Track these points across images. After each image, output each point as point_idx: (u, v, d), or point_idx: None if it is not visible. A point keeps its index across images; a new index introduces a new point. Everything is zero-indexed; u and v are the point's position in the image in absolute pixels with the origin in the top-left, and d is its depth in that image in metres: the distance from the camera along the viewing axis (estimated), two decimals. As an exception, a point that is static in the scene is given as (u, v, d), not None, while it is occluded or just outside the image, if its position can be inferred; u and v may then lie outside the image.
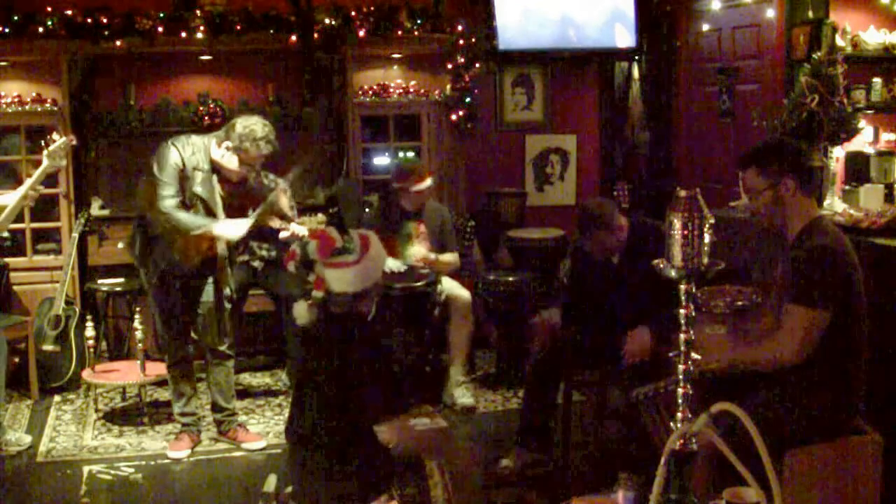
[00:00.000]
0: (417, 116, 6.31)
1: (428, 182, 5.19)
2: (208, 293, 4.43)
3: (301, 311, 2.94)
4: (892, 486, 3.11)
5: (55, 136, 4.43)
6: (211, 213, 4.26)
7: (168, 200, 4.12)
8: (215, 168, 4.27)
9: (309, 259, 2.90)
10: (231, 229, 4.24)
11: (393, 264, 4.79)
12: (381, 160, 6.42)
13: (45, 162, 4.35)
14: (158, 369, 4.96)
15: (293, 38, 5.85)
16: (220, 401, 4.62)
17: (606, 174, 7.23)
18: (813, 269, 2.96)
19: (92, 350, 5.30)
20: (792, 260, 3.06)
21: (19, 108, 5.73)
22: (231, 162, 4.24)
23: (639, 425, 3.38)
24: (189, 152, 4.19)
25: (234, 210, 4.34)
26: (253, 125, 4.20)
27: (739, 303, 3.84)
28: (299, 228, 4.40)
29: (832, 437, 3.02)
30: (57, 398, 5.30)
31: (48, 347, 5.26)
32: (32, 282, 5.64)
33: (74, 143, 4.51)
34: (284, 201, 4.39)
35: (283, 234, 4.38)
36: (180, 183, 4.17)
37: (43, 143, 4.47)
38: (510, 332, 5.55)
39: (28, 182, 4.38)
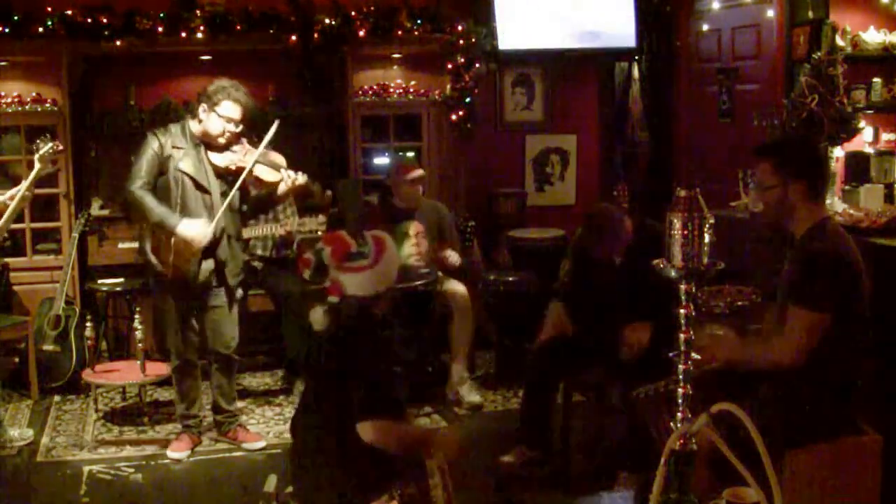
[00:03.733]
0: (417, 116, 6.31)
1: (419, 172, 5.21)
2: (218, 297, 4.43)
3: (317, 317, 2.93)
4: (892, 486, 3.11)
5: (40, 141, 4.47)
6: (201, 188, 4.27)
7: (136, 182, 4.18)
8: (200, 143, 4.30)
9: (323, 265, 2.88)
10: (195, 229, 4.17)
11: None
12: (381, 160, 6.41)
13: (37, 165, 4.41)
14: (158, 369, 4.97)
15: (293, 38, 5.85)
16: (222, 402, 4.62)
17: (606, 174, 7.23)
18: (816, 272, 2.96)
19: (92, 350, 5.30)
20: (796, 261, 3.06)
21: (19, 108, 5.72)
22: (213, 124, 4.26)
23: (639, 425, 3.37)
24: (167, 136, 4.26)
25: (231, 181, 4.34)
26: (218, 81, 4.30)
27: (739, 303, 3.85)
28: (295, 175, 4.38)
29: (832, 437, 3.02)
30: (57, 398, 5.30)
31: (48, 347, 5.26)
32: (32, 282, 5.64)
33: (60, 148, 4.59)
34: (275, 154, 4.42)
35: (281, 189, 4.40)
36: (163, 166, 4.21)
37: (34, 147, 4.48)
38: (510, 332, 5.55)
39: (23, 185, 4.43)
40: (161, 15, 5.68)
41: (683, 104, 6.83)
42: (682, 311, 1.91)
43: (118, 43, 5.65)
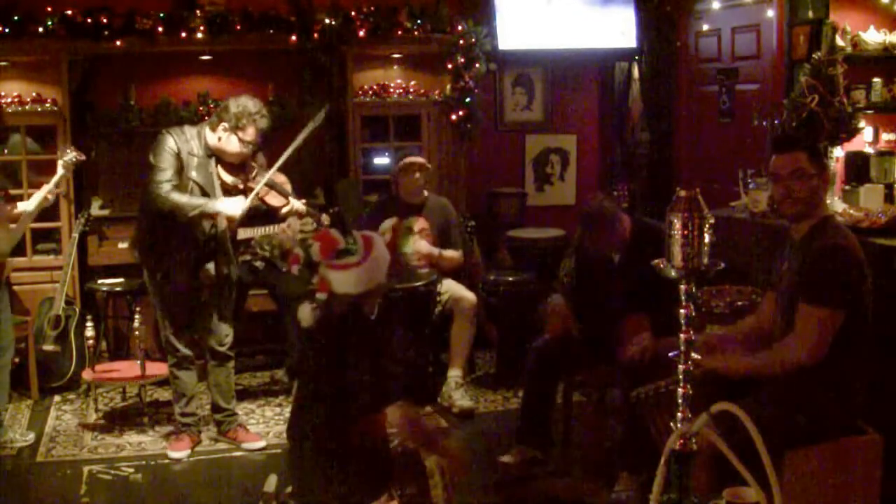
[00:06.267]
0: (417, 116, 6.31)
1: (417, 158, 5.26)
2: (214, 295, 4.45)
3: (304, 313, 2.94)
4: (892, 486, 3.11)
5: (69, 149, 4.82)
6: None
7: (164, 185, 4.18)
8: (212, 154, 4.32)
9: (312, 261, 2.90)
10: (230, 205, 4.27)
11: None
12: (381, 160, 6.41)
13: (60, 171, 4.72)
14: (158, 369, 4.97)
15: (293, 38, 5.85)
16: (221, 401, 4.62)
17: (606, 174, 7.24)
18: (828, 268, 2.96)
19: (92, 350, 5.30)
20: (802, 259, 3.05)
21: (19, 108, 5.72)
22: (230, 143, 4.28)
23: (639, 425, 3.38)
24: (183, 139, 4.26)
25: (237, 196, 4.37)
26: (245, 102, 4.28)
27: (739, 303, 3.85)
28: (297, 204, 4.44)
29: (832, 438, 3.02)
30: (57, 398, 5.30)
31: (48, 347, 5.26)
32: (32, 282, 5.64)
33: (83, 158, 4.86)
34: (282, 178, 4.47)
35: (283, 211, 4.43)
36: (178, 170, 4.22)
37: (59, 153, 4.83)
38: (510, 332, 5.55)
39: (45, 188, 4.70)
40: (161, 15, 5.69)
41: (683, 104, 6.83)
42: (682, 311, 1.91)
43: (118, 43, 5.65)
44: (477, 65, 6.18)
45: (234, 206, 4.27)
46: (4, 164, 5.85)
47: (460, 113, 6.19)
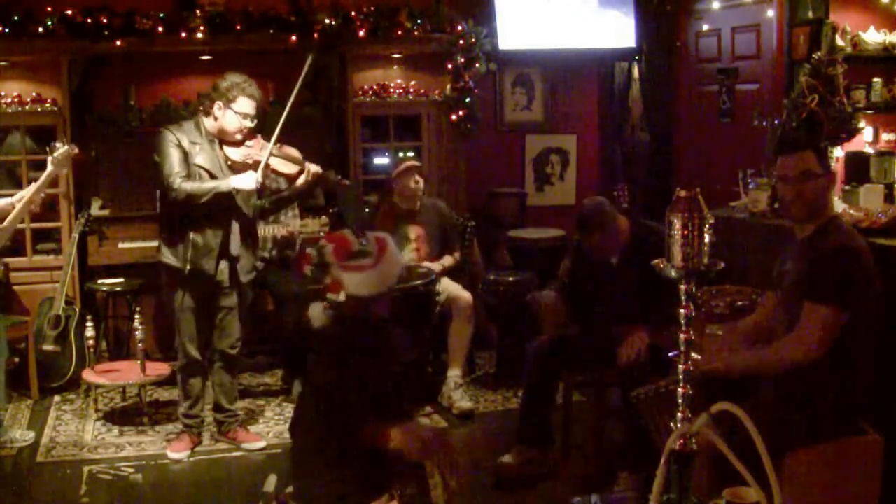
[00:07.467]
0: (417, 116, 6.31)
1: (411, 162, 5.26)
2: (230, 297, 4.44)
3: (316, 314, 2.94)
4: (892, 486, 3.11)
5: (58, 143, 4.47)
6: None
7: (175, 177, 4.19)
8: (214, 139, 4.34)
9: (325, 262, 2.90)
10: (243, 180, 4.27)
11: None
12: (381, 160, 6.41)
13: (50, 168, 4.40)
14: (158, 369, 4.97)
15: (293, 38, 5.85)
16: (224, 402, 4.62)
17: (606, 174, 7.24)
18: (835, 267, 2.95)
19: (92, 350, 5.30)
20: (810, 258, 3.04)
21: (19, 108, 5.72)
22: (227, 119, 4.30)
23: (639, 425, 3.38)
24: (182, 132, 4.29)
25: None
26: (230, 77, 4.34)
27: (739, 303, 3.85)
28: (313, 167, 4.44)
29: (833, 438, 3.02)
30: (57, 398, 5.29)
31: (48, 347, 5.26)
32: (32, 282, 5.64)
33: (76, 151, 4.55)
34: (288, 149, 4.46)
35: (300, 181, 4.42)
36: (183, 160, 4.23)
37: (48, 149, 4.46)
38: (510, 332, 5.55)
39: (32, 187, 4.43)
40: (161, 15, 5.68)
41: (683, 104, 6.83)
42: (682, 311, 1.91)
43: (118, 43, 5.65)
44: (477, 65, 6.17)
45: (247, 180, 4.27)
46: (2, 163, 5.85)
47: (460, 113, 6.19)
